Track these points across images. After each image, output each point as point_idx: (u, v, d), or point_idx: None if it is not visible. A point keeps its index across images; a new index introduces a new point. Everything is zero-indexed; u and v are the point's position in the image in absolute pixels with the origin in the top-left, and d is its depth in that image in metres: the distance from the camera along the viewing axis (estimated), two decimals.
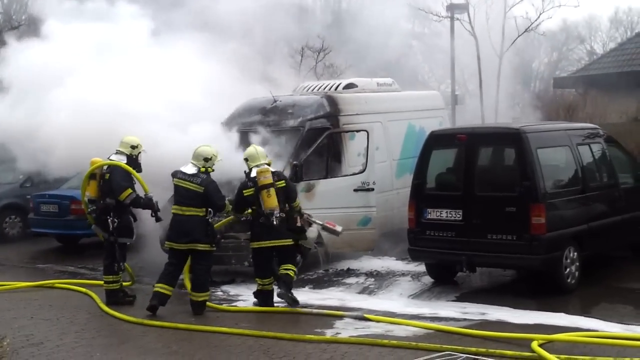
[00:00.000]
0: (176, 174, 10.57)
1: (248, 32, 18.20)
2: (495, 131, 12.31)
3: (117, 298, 11.06)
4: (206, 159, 10.58)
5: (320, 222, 11.08)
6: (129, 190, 10.90)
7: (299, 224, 10.65)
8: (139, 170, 11.23)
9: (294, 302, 10.53)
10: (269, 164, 10.66)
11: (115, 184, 10.91)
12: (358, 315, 9.90)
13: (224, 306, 10.84)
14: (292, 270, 10.59)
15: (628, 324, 9.29)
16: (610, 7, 68.72)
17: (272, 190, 10.30)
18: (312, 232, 11.07)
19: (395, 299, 11.06)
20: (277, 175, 10.56)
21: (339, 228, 11.24)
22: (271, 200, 10.30)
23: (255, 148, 10.86)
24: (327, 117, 13.36)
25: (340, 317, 9.94)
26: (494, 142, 11.69)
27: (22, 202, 17.14)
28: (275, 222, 10.29)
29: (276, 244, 10.52)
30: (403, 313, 10.13)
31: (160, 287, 10.42)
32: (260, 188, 10.35)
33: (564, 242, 10.85)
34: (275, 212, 10.30)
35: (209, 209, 10.50)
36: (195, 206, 10.39)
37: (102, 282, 11.34)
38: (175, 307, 10.58)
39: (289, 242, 10.57)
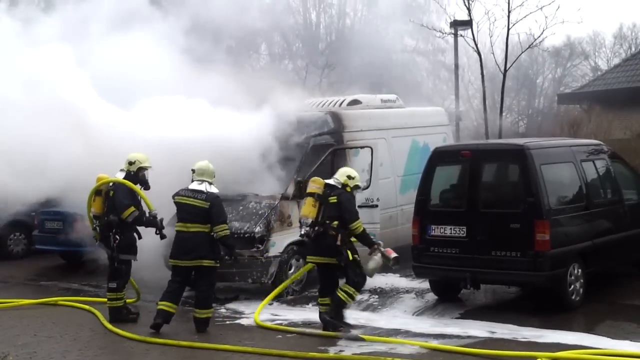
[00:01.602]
0: (178, 192, 10.55)
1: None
2: (499, 148, 12.31)
3: (121, 315, 11.04)
4: (209, 174, 10.61)
5: (383, 250, 10.34)
6: (132, 208, 10.90)
7: (338, 242, 10.02)
8: (146, 187, 11.26)
9: (333, 326, 10.07)
10: (354, 187, 10.39)
11: (118, 202, 10.93)
12: (354, 336, 9.76)
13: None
14: (344, 292, 10.07)
15: (633, 342, 9.25)
16: (615, 23, 69.01)
17: (308, 200, 10.25)
18: (375, 261, 10.22)
19: (399, 316, 11.03)
20: (333, 190, 10.24)
21: (393, 254, 10.33)
22: (303, 209, 10.36)
23: (345, 168, 10.76)
24: (331, 134, 13.38)
25: (335, 337, 9.78)
26: (497, 158, 11.68)
27: (27, 219, 17.14)
28: (302, 231, 10.32)
29: (314, 260, 10.46)
30: (407, 330, 10.11)
31: (164, 305, 10.39)
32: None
33: (569, 259, 10.82)
34: (303, 220, 10.28)
35: None
36: (200, 222, 10.34)
37: (105, 300, 11.32)
38: (179, 325, 10.55)
39: (321, 259, 10.25)
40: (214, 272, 10.53)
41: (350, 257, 10.04)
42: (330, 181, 10.40)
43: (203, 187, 10.46)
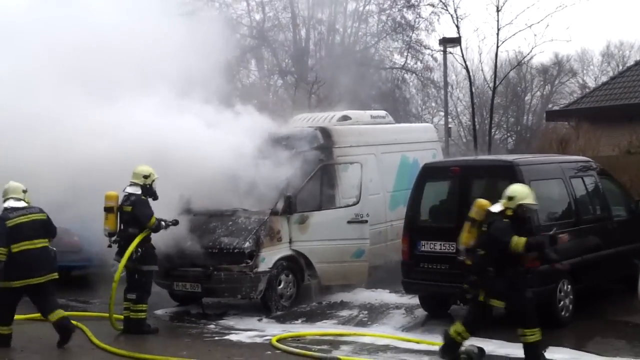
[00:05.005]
0: (7, 217, 10.12)
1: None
2: (488, 164, 12.34)
3: (144, 327, 11.03)
4: (23, 190, 10.45)
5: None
6: (155, 217, 11.06)
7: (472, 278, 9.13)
8: (154, 197, 11.32)
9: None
10: (517, 208, 9.05)
11: (141, 214, 11.03)
12: (331, 357, 9.63)
13: None
14: (455, 331, 9.27)
15: (623, 358, 9.24)
16: (602, 41, 69.61)
17: (465, 224, 9.33)
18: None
19: (388, 332, 10.98)
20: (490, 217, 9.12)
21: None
22: (461, 235, 9.40)
23: (514, 187, 9.37)
24: (321, 149, 13.36)
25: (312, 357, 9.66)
26: (487, 174, 11.70)
27: None
28: (461, 257, 9.40)
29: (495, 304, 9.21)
30: (395, 347, 10.09)
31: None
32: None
33: (558, 275, 10.82)
34: (461, 248, 9.39)
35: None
36: (43, 236, 10.27)
37: (93, 314, 11.27)
38: (167, 340, 10.49)
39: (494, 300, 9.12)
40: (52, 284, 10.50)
41: (481, 298, 9.16)
42: (493, 207, 9.13)
43: (24, 203, 10.37)
